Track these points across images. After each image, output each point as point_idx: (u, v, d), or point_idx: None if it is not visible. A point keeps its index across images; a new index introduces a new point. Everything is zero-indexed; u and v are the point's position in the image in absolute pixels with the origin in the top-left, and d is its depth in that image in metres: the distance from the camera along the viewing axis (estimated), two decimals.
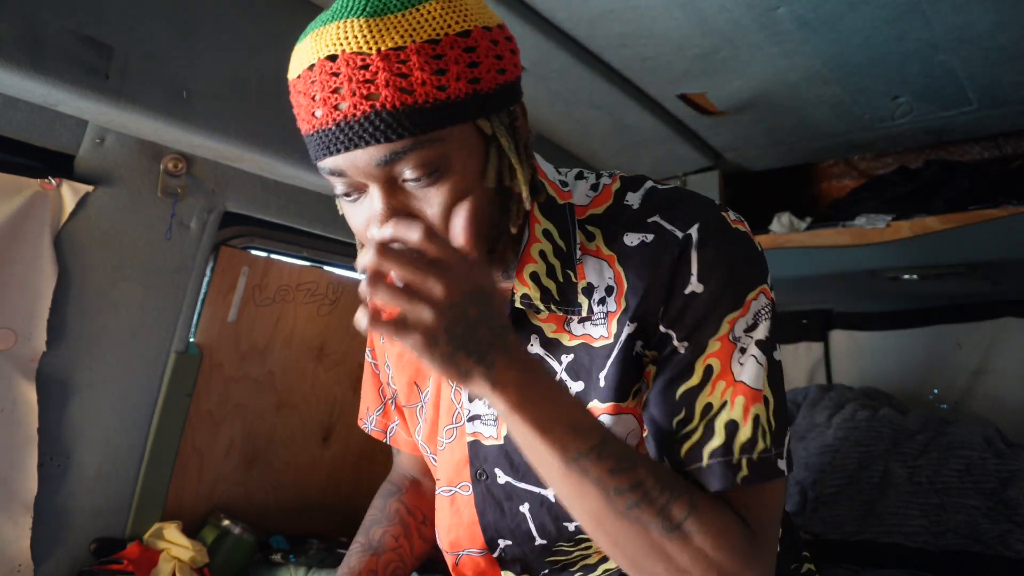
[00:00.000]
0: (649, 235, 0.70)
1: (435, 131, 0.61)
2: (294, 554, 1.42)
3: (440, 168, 0.63)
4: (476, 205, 0.66)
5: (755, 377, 0.67)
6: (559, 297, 0.73)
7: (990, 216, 1.53)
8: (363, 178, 0.64)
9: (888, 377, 2.22)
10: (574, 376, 0.75)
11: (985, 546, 1.47)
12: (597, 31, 1.30)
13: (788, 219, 1.86)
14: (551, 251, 0.74)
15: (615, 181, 0.78)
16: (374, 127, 0.60)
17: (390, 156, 0.61)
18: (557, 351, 0.76)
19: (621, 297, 0.71)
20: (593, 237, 0.74)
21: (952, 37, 1.28)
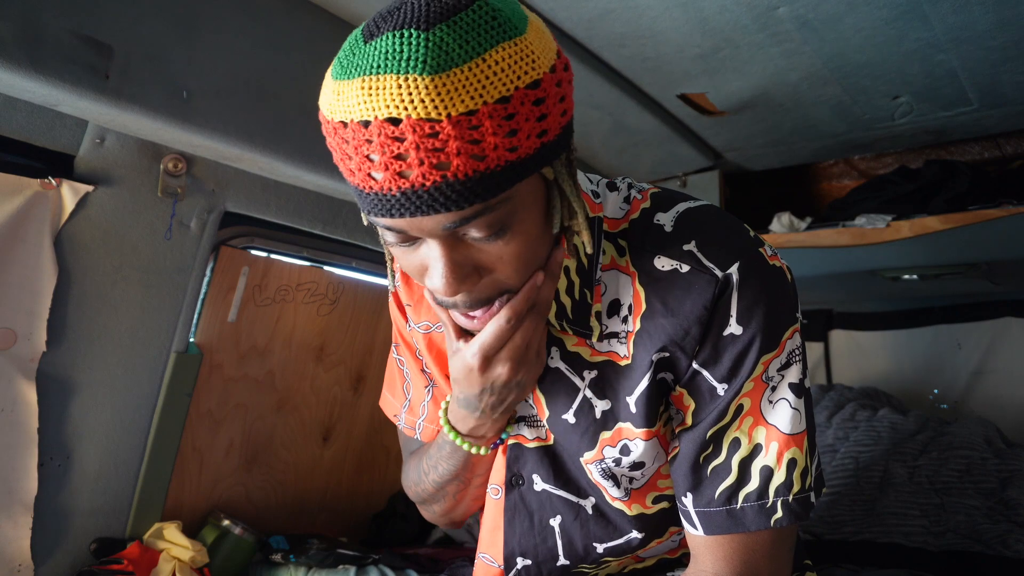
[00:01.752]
0: (684, 265, 0.69)
1: (504, 192, 0.58)
2: (294, 554, 1.42)
3: (506, 225, 0.61)
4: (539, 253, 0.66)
5: (788, 420, 0.69)
6: (572, 316, 0.73)
7: (990, 216, 1.53)
8: (421, 234, 0.60)
9: (888, 377, 2.22)
10: (600, 394, 0.74)
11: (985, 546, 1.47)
12: (597, 31, 1.30)
13: (788, 219, 1.86)
14: (574, 267, 0.73)
15: (645, 198, 0.76)
16: (444, 196, 0.56)
17: (459, 222, 0.58)
18: (579, 366, 0.75)
19: (636, 319, 0.71)
20: (624, 252, 0.73)
21: (952, 37, 1.28)
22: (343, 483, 1.84)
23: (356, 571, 1.36)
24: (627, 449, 0.74)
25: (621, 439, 0.74)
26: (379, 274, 1.80)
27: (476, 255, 0.62)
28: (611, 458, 0.75)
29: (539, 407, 0.78)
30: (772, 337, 0.68)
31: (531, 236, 0.63)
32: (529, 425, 0.80)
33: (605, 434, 0.74)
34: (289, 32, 1.24)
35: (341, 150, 0.59)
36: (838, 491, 1.68)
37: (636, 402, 0.72)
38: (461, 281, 0.61)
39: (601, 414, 0.74)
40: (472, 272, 0.62)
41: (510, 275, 0.64)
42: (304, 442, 1.72)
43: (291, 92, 1.24)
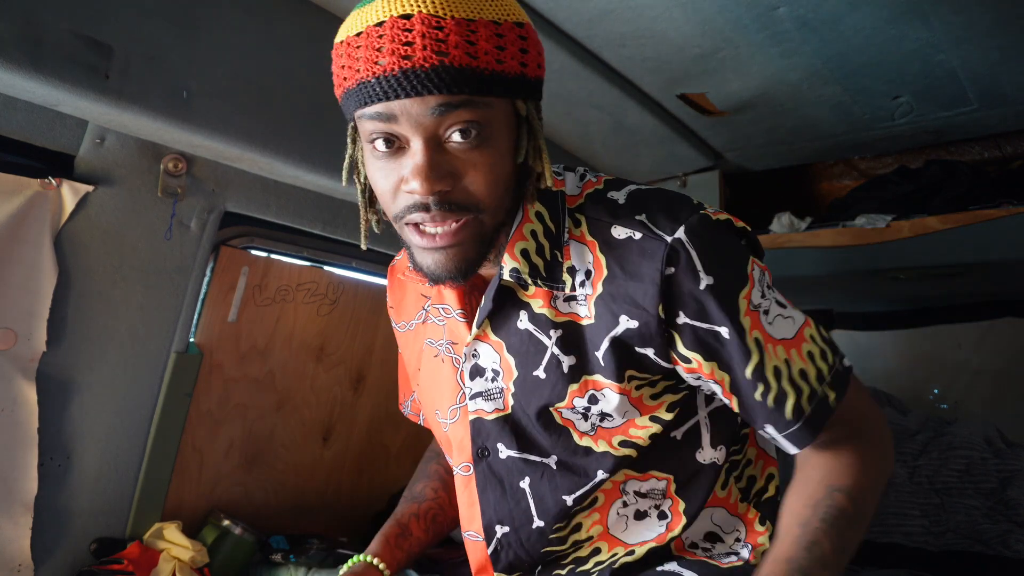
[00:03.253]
0: (637, 233, 0.77)
1: (488, 96, 0.69)
2: (294, 554, 1.42)
3: (483, 134, 0.70)
4: (506, 174, 0.75)
5: (789, 327, 0.79)
6: (545, 274, 0.80)
7: (990, 216, 1.53)
8: (411, 129, 0.69)
9: (888, 377, 2.22)
10: (565, 351, 0.82)
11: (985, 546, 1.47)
12: (597, 31, 1.30)
13: (788, 219, 1.86)
14: (541, 232, 0.81)
15: (600, 181, 0.86)
16: (439, 78, 0.66)
17: (446, 106, 0.67)
18: (545, 326, 0.82)
19: (599, 282, 0.79)
20: (579, 224, 0.82)
21: (952, 37, 1.28)
22: (343, 483, 1.84)
23: None
24: (595, 399, 0.81)
25: (588, 390, 0.81)
26: (379, 274, 1.80)
27: (452, 161, 0.71)
28: (580, 407, 0.82)
29: (507, 370, 0.85)
30: (740, 274, 0.77)
31: (501, 153, 0.73)
32: (487, 398, 0.87)
33: (573, 386, 0.82)
34: (289, 32, 1.24)
35: (349, 58, 0.69)
36: None
37: (603, 356, 0.80)
38: (438, 178, 0.69)
39: (568, 368, 0.81)
40: (447, 175, 0.70)
41: (480, 184, 0.72)
42: (304, 442, 1.72)
43: (291, 92, 1.24)
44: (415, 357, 1.03)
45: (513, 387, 0.85)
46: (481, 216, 0.73)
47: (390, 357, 1.84)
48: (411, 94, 0.66)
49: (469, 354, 0.87)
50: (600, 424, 0.83)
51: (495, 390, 0.86)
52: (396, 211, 0.74)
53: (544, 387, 0.83)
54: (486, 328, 0.86)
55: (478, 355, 0.87)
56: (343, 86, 0.71)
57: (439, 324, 0.94)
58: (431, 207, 0.70)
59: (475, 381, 0.87)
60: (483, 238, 0.75)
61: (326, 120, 1.28)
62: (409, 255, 0.78)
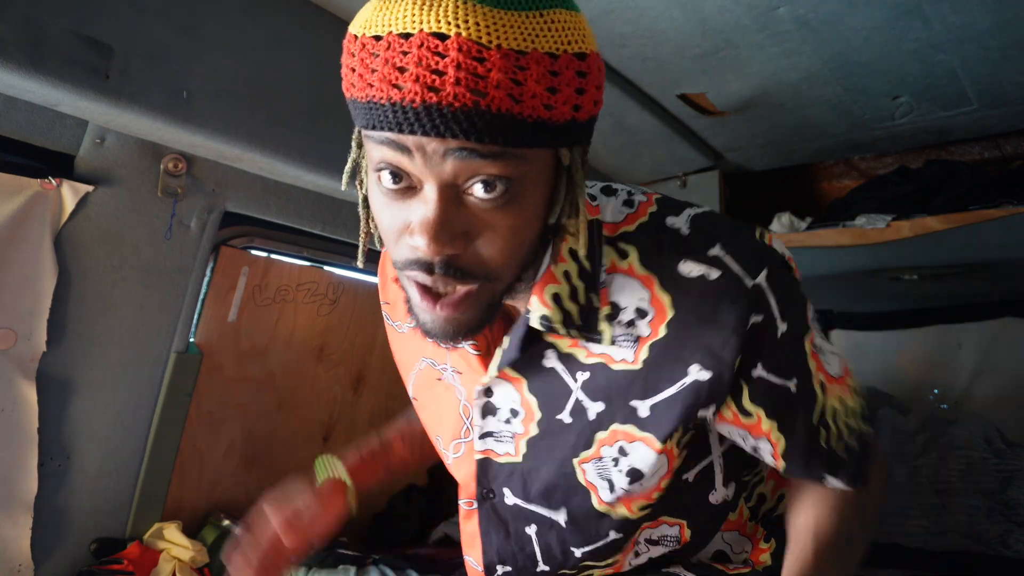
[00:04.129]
0: (713, 271, 0.66)
1: (526, 148, 0.56)
2: None
3: (512, 191, 0.57)
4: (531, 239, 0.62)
5: (836, 364, 0.76)
6: (580, 321, 0.69)
7: (990, 216, 1.53)
8: (425, 171, 0.56)
9: (888, 377, 2.22)
10: (592, 396, 0.72)
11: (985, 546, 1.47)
12: (597, 31, 1.30)
13: (788, 219, 1.86)
14: (576, 272, 0.69)
15: (651, 201, 0.74)
16: (470, 122, 0.52)
17: (472, 153, 0.54)
18: (573, 366, 0.73)
19: (661, 324, 0.68)
20: (626, 255, 0.70)
21: (952, 37, 1.28)
22: None
23: (356, 571, 1.36)
24: (624, 451, 0.73)
25: (617, 440, 0.72)
26: None
27: (469, 219, 0.58)
28: (609, 457, 0.73)
29: (528, 411, 0.75)
30: (804, 320, 0.72)
31: (529, 215, 0.60)
32: (498, 440, 0.78)
33: (601, 434, 0.73)
34: (289, 32, 1.24)
35: (363, 64, 0.55)
36: None
37: (654, 407, 0.70)
38: (449, 240, 0.57)
39: (596, 415, 0.72)
40: (461, 235, 0.58)
41: (497, 251, 0.59)
42: (304, 442, 1.72)
43: (291, 92, 1.24)
44: (408, 367, 0.92)
45: (536, 429, 0.75)
46: (491, 284, 0.62)
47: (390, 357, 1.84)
48: (431, 134, 0.53)
49: (481, 392, 0.76)
50: (627, 488, 0.74)
51: (507, 434, 0.77)
52: (396, 259, 0.63)
53: (569, 433, 0.74)
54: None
55: (492, 393, 0.76)
56: (351, 92, 0.58)
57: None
58: (435, 269, 0.59)
59: (486, 420, 0.78)
60: (491, 304, 0.64)
61: (326, 120, 1.28)
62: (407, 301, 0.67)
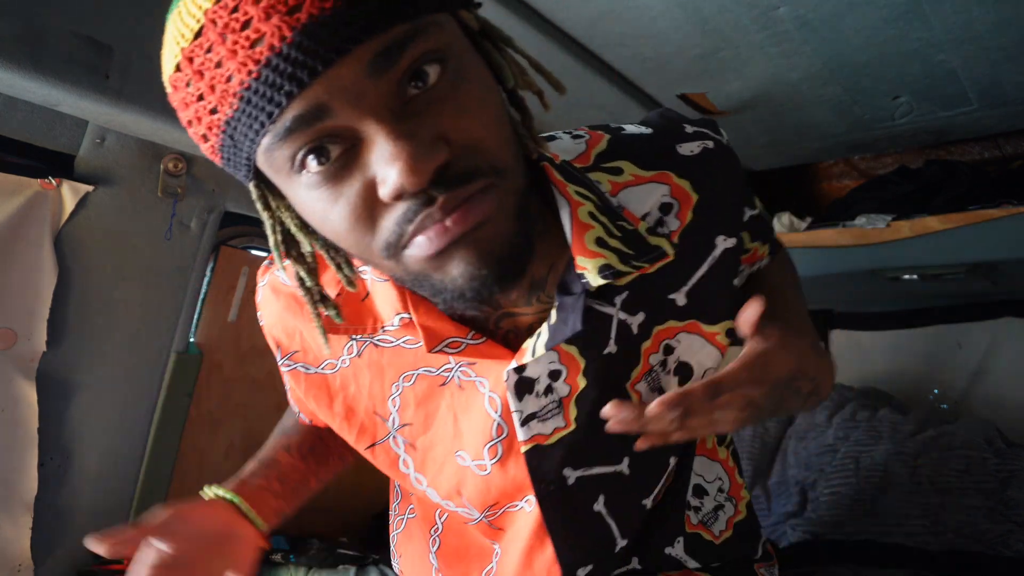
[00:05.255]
0: (708, 142, 0.68)
1: (428, 14, 0.45)
2: (294, 554, 1.42)
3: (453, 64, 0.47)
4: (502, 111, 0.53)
5: None
6: (633, 251, 0.61)
7: (990, 216, 1.53)
8: (355, 111, 0.44)
9: (888, 377, 2.22)
10: (633, 310, 0.66)
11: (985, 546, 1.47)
12: (597, 31, 1.30)
13: (788, 219, 1.86)
14: (597, 208, 0.61)
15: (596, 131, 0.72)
16: (354, 16, 0.41)
17: (386, 54, 0.43)
18: (610, 293, 0.65)
19: (688, 211, 0.65)
20: (620, 171, 0.65)
21: (952, 37, 1.28)
22: (343, 483, 1.83)
23: (356, 571, 1.36)
24: (670, 348, 0.68)
25: (661, 341, 0.68)
26: None
27: (433, 120, 0.46)
28: (657, 362, 0.68)
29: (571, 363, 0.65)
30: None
31: (485, 83, 0.50)
32: (542, 419, 0.66)
33: (646, 343, 0.67)
34: None
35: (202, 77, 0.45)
36: (838, 491, 1.68)
37: (690, 293, 0.67)
38: (426, 152, 0.44)
39: (639, 327, 0.66)
40: (435, 140, 0.46)
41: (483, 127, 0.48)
42: None
43: None
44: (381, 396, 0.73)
45: (584, 381, 0.66)
46: (503, 180, 0.50)
47: None
48: (327, 60, 0.41)
49: (512, 371, 0.64)
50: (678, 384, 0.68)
51: (551, 405, 0.66)
52: (383, 241, 0.48)
53: (618, 361, 0.66)
54: None
55: (524, 368, 0.64)
56: (213, 126, 0.47)
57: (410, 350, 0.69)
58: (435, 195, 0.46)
59: (524, 401, 0.65)
60: (521, 209, 0.51)
61: None
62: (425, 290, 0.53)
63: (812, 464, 1.79)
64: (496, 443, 0.69)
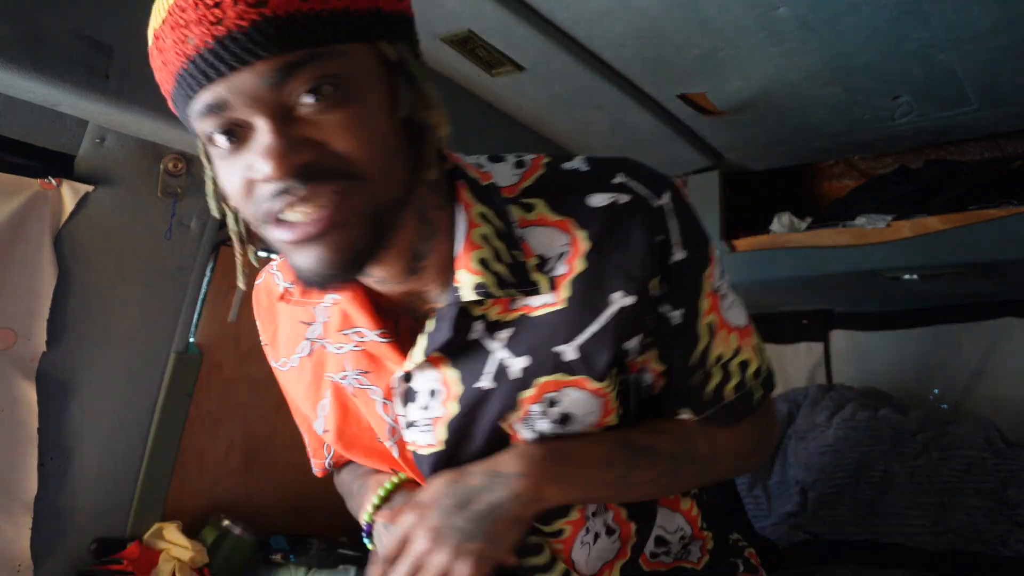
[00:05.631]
0: (623, 196, 0.66)
1: (334, 43, 0.54)
2: (294, 554, 1.42)
3: (342, 89, 0.55)
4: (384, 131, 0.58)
5: (741, 315, 0.75)
6: (514, 279, 0.66)
7: (990, 216, 1.53)
8: (248, 109, 0.54)
9: (888, 377, 2.22)
10: (516, 351, 0.68)
11: (985, 546, 1.47)
12: (597, 31, 1.30)
13: (788, 219, 1.86)
14: (493, 234, 0.67)
15: (540, 161, 0.72)
16: (265, 36, 0.51)
17: (284, 71, 0.53)
18: (496, 328, 0.69)
19: (577, 258, 0.66)
20: (532, 208, 0.68)
21: (953, 37, 1.28)
22: None
23: (356, 571, 1.37)
24: (553, 401, 0.69)
25: (545, 393, 0.68)
26: None
27: (310, 128, 0.55)
28: (537, 412, 0.69)
29: (448, 387, 0.70)
30: (706, 253, 0.70)
31: (372, 106, 0.57)
32: (421, 430, 0.73)
33: (525, 393, 0.68)
34: None
35: (162, 55, 0.55)
36: (839, 491, 1.68)
37: (582, 347, 0.67)
38: (292, 150, 0.54)
39: (521, 371, 0.68)
40: (305, 144, 0.55)
41: (350, 142, 0.56)
42: None
43: None
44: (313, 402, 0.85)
45: (456, 407, 0.70)
46: (362, 184, 0.57)
47: None
48: (233, 65, 0.52)
49: (401, 379, 0.71)
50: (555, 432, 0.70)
51: (426, 421, 0.72)
52: (254, 210, 0.58)
53: (492, 400, 0.69)
54: None
55: (411, 378, 0.71)
56: (167, 93, 0.59)
57: (337, 352, 0.77)
58: (293, 186, 0.55)
59: (408, 408, 0.73)
60: (373, 217, 0.58)
61: None
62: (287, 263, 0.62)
63: (812, 464, 1.79)
64: (392, 442, 0.77)
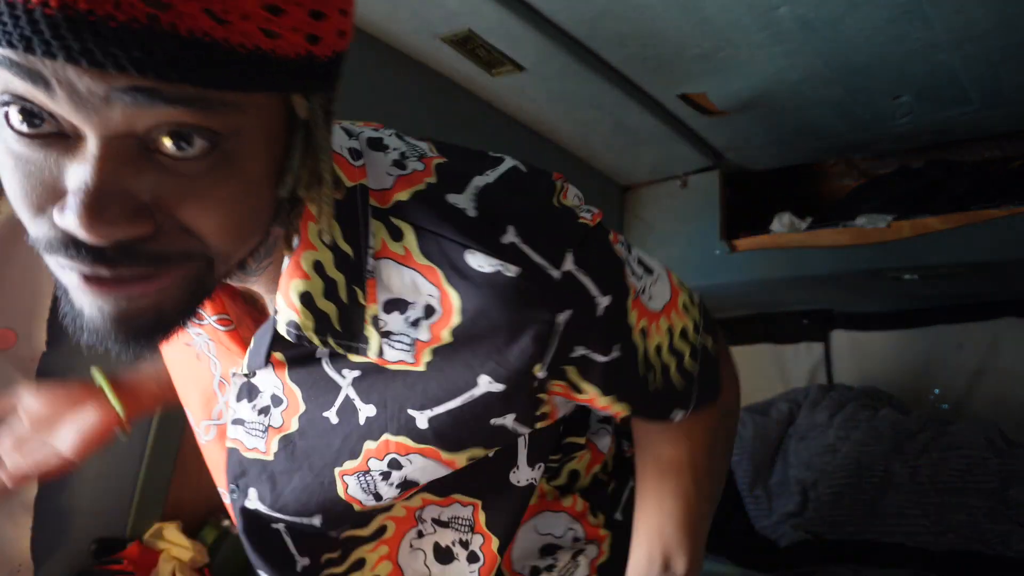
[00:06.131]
0: (511, 267, 0.50)
1: (239, 93, 0.38)
2: None
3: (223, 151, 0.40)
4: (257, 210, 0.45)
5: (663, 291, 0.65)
6: (340, 327, 0.53)
7: (991, 216, 1.53)
8: (77, 113, 0.36)
9: (889, 377, 2.22)
10: (365, 397, 0.58)
11: (986, 546, 1.47)
12: (597, 31, 1.30)
13: (788, 219, 1.86)
14: (331, 261, 0.52)
15: (429, 170, 0.55)
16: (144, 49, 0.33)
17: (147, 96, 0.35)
18: (340, 363, 0.57)
19: (444, 330, 0.52)
20: (400, 236, 0.52)
21: (953, 37, 1.28)
22: None
23: None
24: (397, 463, 0.59)
25: (389, 452, 0.58)
26: None
27: (159, 184, 0.39)
28: (378, 471, 0.60)
29: (291, 402, 0.60)
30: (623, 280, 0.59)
31: (251, 182, 0.42)
32: (249, 431, 0.62)
33: (370, 444, 0.59)
34: None
35: None
36: (839, 491, 1.68)
37: (434, 420, 0.56)
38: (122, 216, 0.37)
39: (366, 420, 0.58)
40: (141, 212, 0.38)
41: (210, 227, 0.41)
42: None
43: None
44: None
45: (296, 424, 0.60)
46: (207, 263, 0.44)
47: None
48: (78, 61, 0.33)
49: (240, 372, 0.61)
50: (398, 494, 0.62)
51: (259, 426, 0.62)
52: (37, 234, 0.42)
53: (335, 436, 0.60)
54: None
55: (254, 374, 0.61)
56: None
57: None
58: (107, 255, 0.39)
59: (241, 404, 0.62)
60: (204, 288, 0.45)
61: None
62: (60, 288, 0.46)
63: (813, 464, 1.79)
64: (212, 424, 0.68)
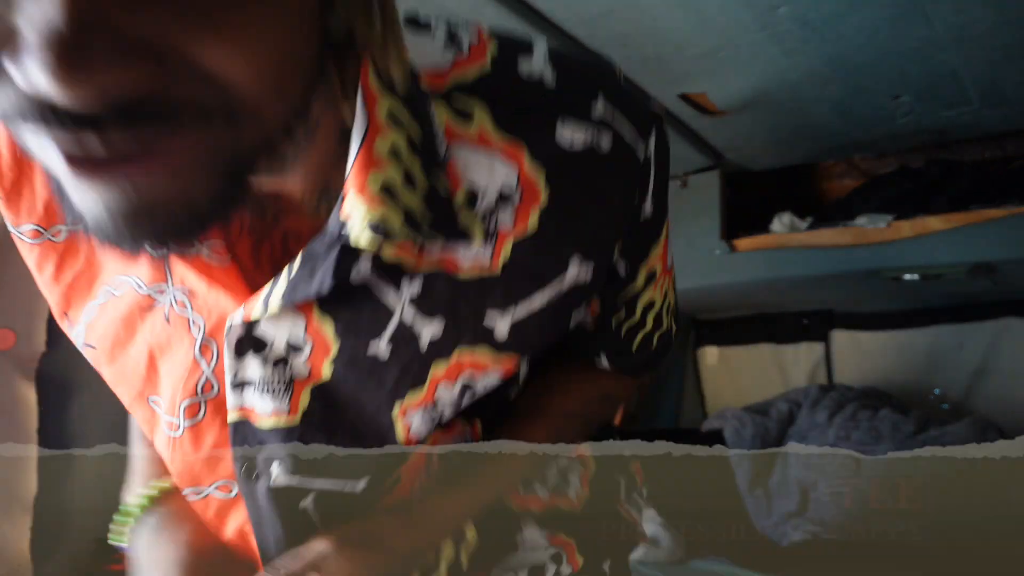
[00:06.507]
0: (605, 140, 0.47)
1: None
2: None
3: None
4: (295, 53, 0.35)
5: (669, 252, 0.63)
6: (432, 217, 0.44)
7: (991, 216, 1.53)
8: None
9: (889, 377, 2.22)
10: (428, 311, 0.48)
11: None
12: (597, 31, 1.30)
13: (789, 219, 1.86)
14: (405, 145, 0.43)
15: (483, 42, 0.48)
16: None
17: None
18: (395, 276, 0.47)
19: (530, 212, 0.47)
20: (469, 117, 0.46)
21: (953, 36, 1.27)
22: None
23: None
24: (470, 385, 0.52)
25: (463, 371, 0.51)
26: None
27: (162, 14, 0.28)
28: (447, 400, 0.52)
29: (319, 342, 0.49)
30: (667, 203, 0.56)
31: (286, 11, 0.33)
32: (264, 392, 0.50)
33: (438, 367, 0.50)
34: None
35: None
36: (839, 491, 1.68)
37: (517, 326, 0.50)
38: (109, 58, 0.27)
39: (431, 341, 0.49)
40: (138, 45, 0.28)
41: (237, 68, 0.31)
42: None
43: None
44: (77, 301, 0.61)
45: (330, 371, 0.50)
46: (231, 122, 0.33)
47: None
48: None
49: (237, 325, 0.48)
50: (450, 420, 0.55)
51: (279, 381, 0.50)
52: None
53: (387, 373, 0.50)
54: None
55: (255, 324, 0.49)
56: None
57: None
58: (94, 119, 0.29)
59: (245, 360, 0.49)
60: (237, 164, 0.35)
61: None
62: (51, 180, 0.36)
63: (813, 464, 1.79)
64: (199, 401, 0.53)
